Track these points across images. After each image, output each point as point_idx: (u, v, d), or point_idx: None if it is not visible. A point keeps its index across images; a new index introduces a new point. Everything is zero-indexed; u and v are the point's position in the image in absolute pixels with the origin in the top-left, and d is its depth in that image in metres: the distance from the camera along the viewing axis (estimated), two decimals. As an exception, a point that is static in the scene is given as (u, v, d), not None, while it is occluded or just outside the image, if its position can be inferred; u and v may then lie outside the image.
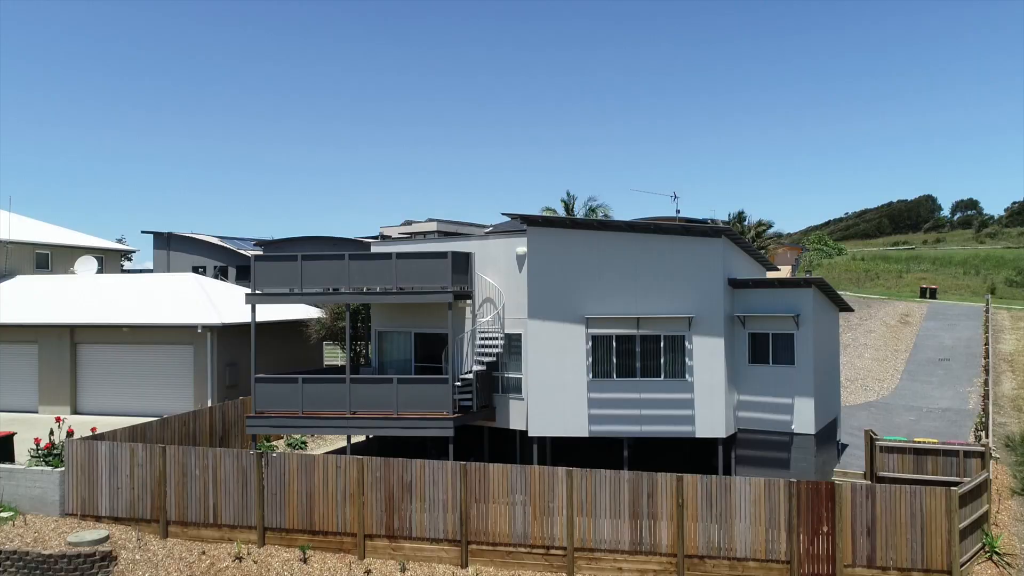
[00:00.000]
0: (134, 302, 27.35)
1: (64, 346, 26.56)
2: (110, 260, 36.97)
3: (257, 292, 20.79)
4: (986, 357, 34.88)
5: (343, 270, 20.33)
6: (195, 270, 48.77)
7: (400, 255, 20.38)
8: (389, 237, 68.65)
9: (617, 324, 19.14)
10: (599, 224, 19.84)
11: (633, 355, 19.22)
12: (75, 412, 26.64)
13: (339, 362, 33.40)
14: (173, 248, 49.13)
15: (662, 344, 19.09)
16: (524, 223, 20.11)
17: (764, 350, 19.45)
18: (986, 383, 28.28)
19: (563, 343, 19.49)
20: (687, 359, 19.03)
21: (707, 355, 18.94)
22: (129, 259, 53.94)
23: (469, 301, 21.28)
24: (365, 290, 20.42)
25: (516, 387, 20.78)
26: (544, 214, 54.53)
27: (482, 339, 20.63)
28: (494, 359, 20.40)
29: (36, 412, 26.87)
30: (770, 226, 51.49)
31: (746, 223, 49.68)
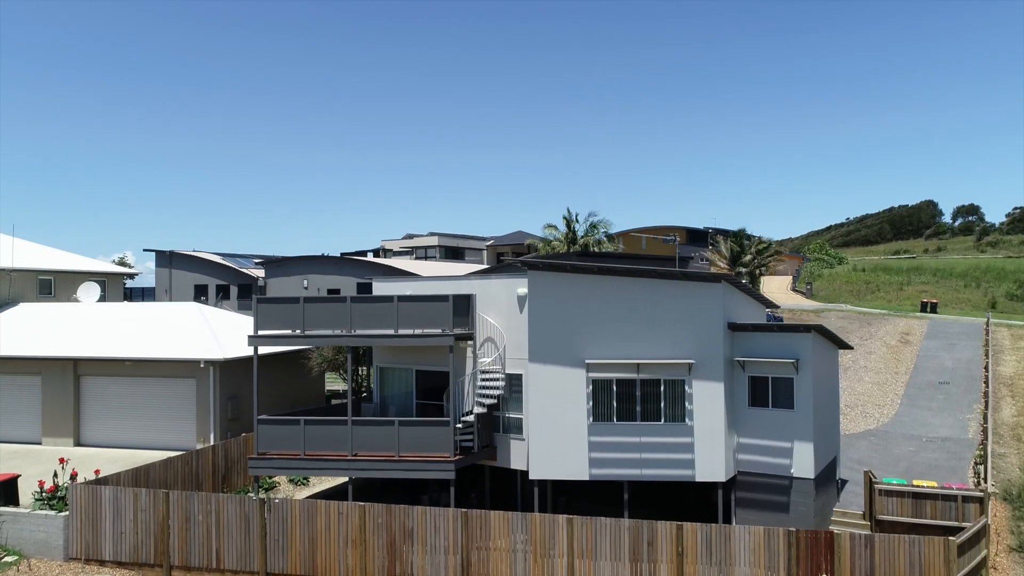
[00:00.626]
0: (137, 333, 27.49)
1: (67, 378, 26.69)
2: (112, 284, 37.12)
3: (260, 334, 20.93)
4: (986, 383, 34.97)
5: (345, 313, 20.45)
6: (197, 289, 49.01)
7: (402, 298, 20.49)
8: (390, 251, 68.91)
9: (618, 369, 19.26)
10: (599, 269, 19.94)
11: (633, 399, 19.34)
12: (78, 444, 26.80)
13: (341, 387, 33.51)
14: (175, 266, 49.29)
15: (662, 388, 19.20)
16: (525, 267, 20.22)
17: (764, 393, 19.56)
18: (985, 417, 28.35)
19: (564, 386, 19.61)
20: (687, 403, 19.15)
21: (707, 399, 19.07)
22: (132, 278, 54.02)
23: (471, 342, 21.38)
24: (367, 333, 20.50)
25: (517, 427, 20.88)
26: (546, 236, 54.73)
27: (483, 380, 20.73)
28: (495, 401, 20.50)
29: (39, 443, 27.03)
30: (769, 245, 51.55)
31: (746, 243, 49.76)
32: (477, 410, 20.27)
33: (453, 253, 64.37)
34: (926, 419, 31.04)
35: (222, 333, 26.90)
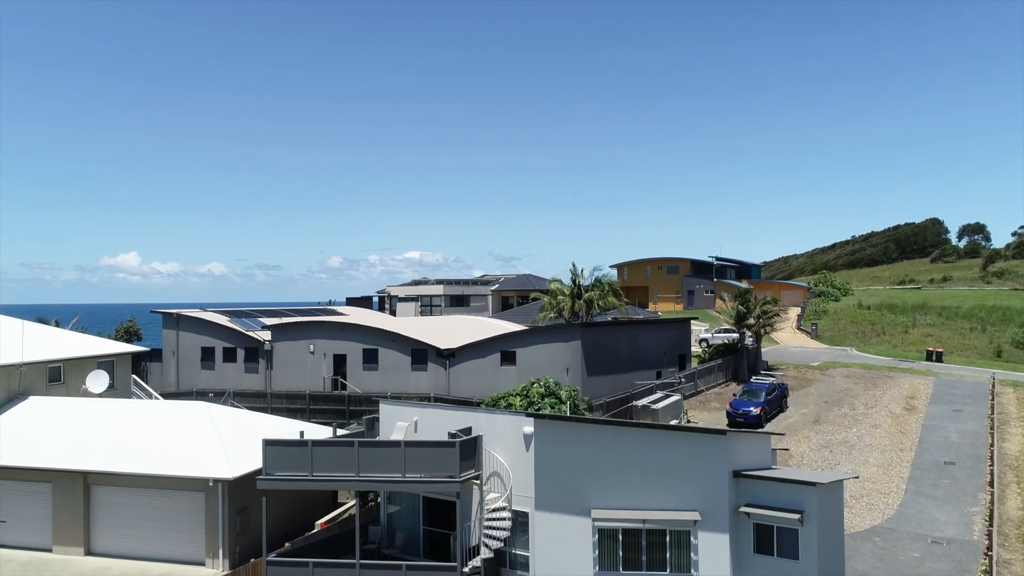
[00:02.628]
0: (145, 439, 27.71)
1: (77, 488, 26.92)
2: (121, 363, 37.40)
3: (268, 476, 21.13)
4: (991, 462, 35.03)
5: (353, 456, 20.65)
6: (204, 351, 49.30)
7: (408, 443, 20.69)
8: (396, 297, 68.93)
9: (623, 520, 19.40)
10: (604, 422, 20.08)
11: (639, 548, 19.49)
12: (89, 552, 26.99)
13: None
14: (182, 328, 49.58)
15: (668, 539, 19.36)
16: (531, 418, 20.39)
17: (768, 542, 19.67)
18: (991, 516, 28.38)
19: (570, 534, 19.77)
20: (692, 554, 19.28)
21: (712, 549, 19.21)
22: (139, 338, 54.38)
23: (477, 481, 21.53)
24: (375, 478, 20.66)
25: (524, 564, 21.06)
26: (551, 291, 54.84)
27: (489, 520, 20.90)
28: (502, 543, 20.65)
29: (50, 551, 27.23)
30: (775, 302, 51.59)
31: (751, 303, 49.87)
32: (485, 553, 20.44)
33: (458, 301, 64.64)
34: (931, 513, 31.05)
35: (231, 440, 27.08)
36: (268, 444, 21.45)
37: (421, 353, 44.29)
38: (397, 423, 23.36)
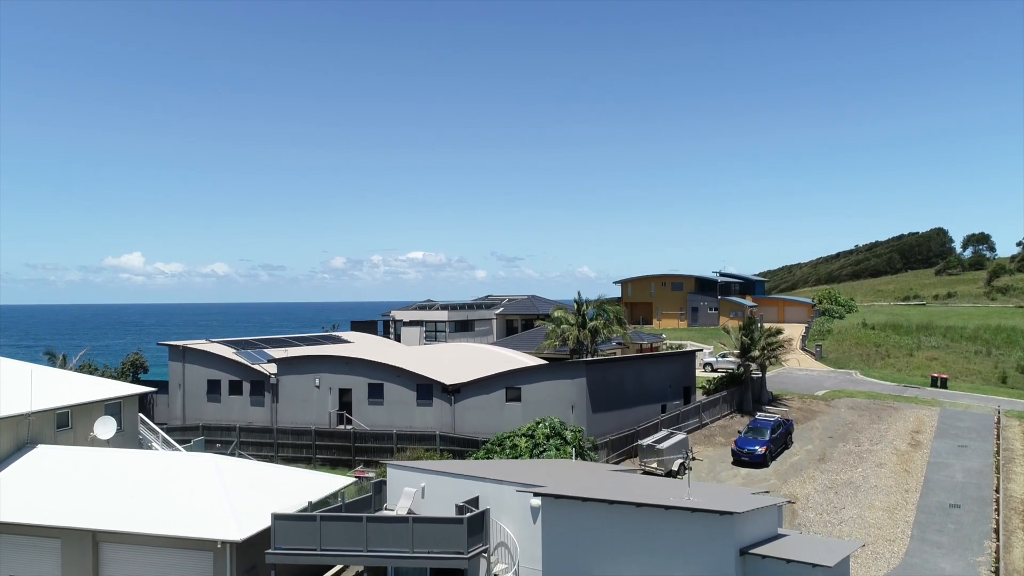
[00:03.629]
0: (154, 494, 27.86)
1: (87, 545, 27.03)
2: (128, 406, 37.57)
3: (278, 550, 21.24)
4: (997, 509, 35.04)
5: (361, 532, 20.76)
6: (210, 383, 49.47)
7: (416, 519, 20.81)
8: (401, 322, 69.01)
9: (630, 600, 19.47)
10: (610, 500, 20.14)
11: (646, 627, 19.54)
12: (98, 609, 27.14)
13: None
14: (188, 361, 49.77)
15: (675, 618, 19.40)
16: (538, 496, 20.47)
17: (775, 620, 19.72)
18: (997, 571, 28.39)
19: (577, 613, 19.84)
20: (699, 633, 19.33)
21: (719, 628, 19.25)
22: (145, 370, 54.60)
23: (485, 553, 21.62)
24: (383, 554, 20.78)
25: (531, 637, 21.12)
26: (557, 318, 54.95)
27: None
28: (510, 622, 20.75)
29: (60, 607, 27.38)
30: (780, 332, 51.64)
31: (755, 334, 49.92)
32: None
33: (463, 326, 64.76)
34: (937, 563, 31.04)
35: (239, 497, 27.18)
36: (277, 518, 21.56)
37: (426, 388, 44.41)
38: (404, 488, 23.47)
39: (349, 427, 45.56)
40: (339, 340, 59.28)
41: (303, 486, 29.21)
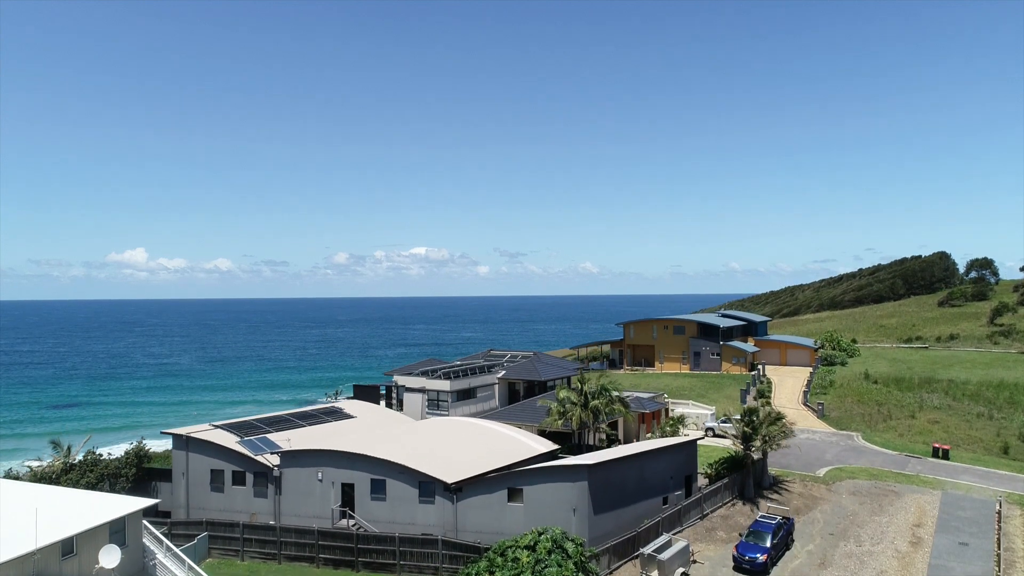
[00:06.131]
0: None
1: None
2: (132, 521, 37.80)
3: None
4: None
5: None
6: (213, 473, 49.72)
7: None
8: (404, 387, 69.06)
9: None
10: None
11: None
12: None
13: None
14: (192, 450, 50.00)
15: None
16: None
17: None
18: None
19: None
20: None
21: None
22: (149, 459, 54.79)
23: None
24: None
25: None
26: (561, 399, 55.10)
27: None
28: None
29: None
30: (781, 416, 51.78)
31: (756, 420, 50.13)
32: None
33: (465, 395, 64.95)
34: None
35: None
36: None
37: (429, 486, 44.59)
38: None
39: (352, 523, 45.79)
40: (341, 414, 59.46)
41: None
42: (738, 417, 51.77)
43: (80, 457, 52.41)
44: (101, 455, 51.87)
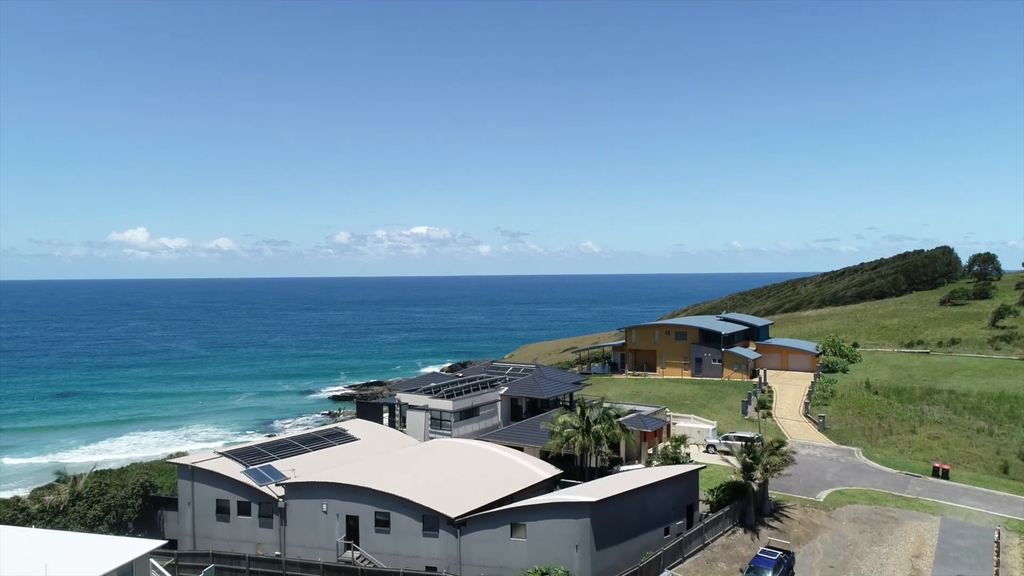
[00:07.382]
0: None
1: None
2: (140, 566, 38.23)
3: None
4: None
5: None
6: (219, 503, 50.13)
7: None
8: (406, 405, 69.30)
9: None
10: None
11: None
12: None
13: None
14: (197, 480, 50.40)
15: None
16: None
17: None
18: None
19: None
20: None
21: None
22: (155, 489, 55.14)
23: None
24: None
25: None
26: (563, 424, 55.32)
27: None
28: None
29: None
30: (782, 443, 52.06)
31: (756, 451, 50.47)
32: None
33: (468, 414, 65.24)
34: None
35: None
36: None
37: (432, 520, 44.98)
38: None
39: (357, 555, 46.25)
40: (345, 436, 59.81)
41: None
42: (739, 436, 51.97)
43: (86, 480, 52.70)
44: (108, 485, 52.09)
